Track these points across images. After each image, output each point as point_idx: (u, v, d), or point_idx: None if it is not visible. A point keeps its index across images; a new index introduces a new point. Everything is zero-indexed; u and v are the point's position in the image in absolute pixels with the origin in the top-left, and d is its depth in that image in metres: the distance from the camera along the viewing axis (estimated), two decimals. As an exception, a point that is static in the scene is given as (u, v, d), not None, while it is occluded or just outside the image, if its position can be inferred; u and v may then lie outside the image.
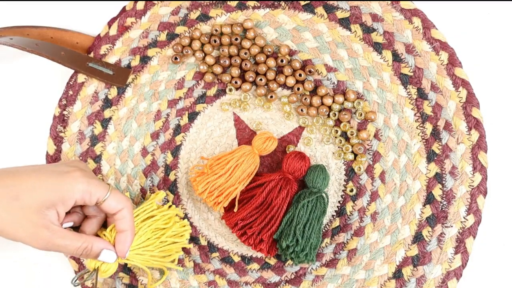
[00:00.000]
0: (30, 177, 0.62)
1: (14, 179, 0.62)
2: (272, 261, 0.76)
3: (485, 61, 0.75)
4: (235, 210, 0.73)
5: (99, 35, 0.78)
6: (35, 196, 0.61)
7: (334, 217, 0.76)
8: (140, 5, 0.77)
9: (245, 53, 0.76)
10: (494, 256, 0.75)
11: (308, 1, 0.75)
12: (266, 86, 0.77)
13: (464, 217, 0.73)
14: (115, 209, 0.66)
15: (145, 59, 0.77)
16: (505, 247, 0.75)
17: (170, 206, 0.75)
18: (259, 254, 0.76)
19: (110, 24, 0.78)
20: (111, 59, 0.77)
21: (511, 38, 0.76)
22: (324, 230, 0.76)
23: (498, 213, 0.75)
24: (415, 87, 0.74)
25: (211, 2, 0.76)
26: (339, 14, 0.75)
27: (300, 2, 0.75)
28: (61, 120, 0.77)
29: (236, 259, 0.77)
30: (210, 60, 0.76)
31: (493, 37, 0.76)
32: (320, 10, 0.75)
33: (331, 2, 0.75)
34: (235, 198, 0.74)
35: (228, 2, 0.76)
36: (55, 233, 0.63)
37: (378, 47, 0.75)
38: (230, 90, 0.77)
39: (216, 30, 0.76)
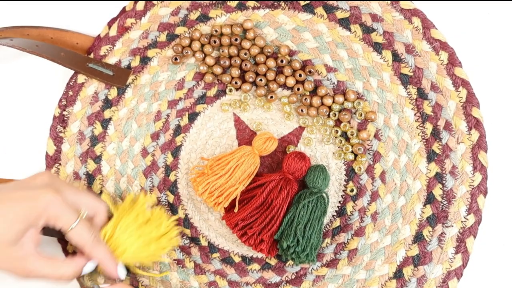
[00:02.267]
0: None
1: None
2: (273, 262, 0.76)
3: (485, 61, 0.76)
4: (236, 210, 0.73)
5: (99, 35, 0.78)
6: (5, 228, 0.59)
7: (335, 217, 0.76)
8: (140, 6, 0.77)
9: (245, 54, 0.76)
10: (495, 256, 0.75)
11: (308, 1, 0.75)
12: (266, 87, 0.77)
13: (464, 217, 0.73)
14: (77, 245, 0.64)
15: (145, 60, 0.77)
16: (505, 247, 0.75)
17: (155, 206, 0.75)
18: (260, 255, 0.76)
19: (110, 24, 0.78)
20: (111, 60, 0.77)
21: (511, 38, 0.76)
22: (324, 230, 0.76)
23: (499, 213, 0.75)
24: (415, 87, 0.74)
25: (211, 2, 0.77)
26: (339, 14, 0.75)
27: (300, 2, 0.76)
28: (61, 120, 0.77)
29: (237, 259, 0.76)
30: (210, 60, 0.76)
31: (493, 37, 0.76)
32: (320, 10, 0.75)
33: (330, 2, 0.75)
34: (235, 198, 0.74)
35: (228, 3, 0.76)
36: (33, 263, 0.61)
37: (378, 47, 0.75)
38: (230, 90, 0.77)
39: (216, 31, 0.76)
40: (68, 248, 0.76)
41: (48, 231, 0.68)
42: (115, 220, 0.69)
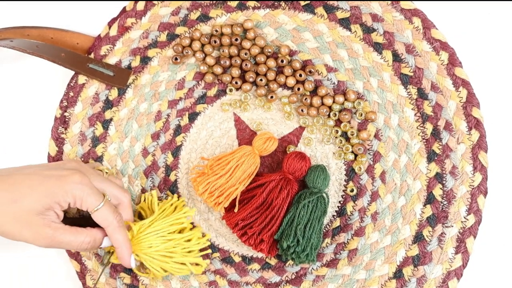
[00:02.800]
0: (26, 181, 0.64)
1: (11, 183, 0.64)
2: (273, 261, 0.76)
3: (485, 61, 0.75)
4: (236, 210, 0.73)
5: (99, 35, 0.78)
6: (32, 200, 0.63)
7: (335, 217, 0.76)
8: (140, 6, 0.77)
9: (245, 54, 0.76)
10: (494, 256, 0.75)
11: (308, 1, 0.75)
12: (266, 87, 0.77)
13: (464, 217, 0.73)
14: (101, 225, 0.67)
15: (145, 60, 0.77)
16: (505, 247, 0.75)
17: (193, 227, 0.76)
18: (260, 254, 0.76)
19: (110, 24, 0.78)
20: (112, 60, 0.77)
21: (511, 38, 0.76)
22: (324, 230, 0.76)
23: (499, 213, 0.75)
24: (415, 87, 0.74)
25: (211, 2, 0.76)
26: (339, 14, 0.75)
27: (300, 2, 0.75)
28: (62, 121, 0.77)
29: (237, 259, 0.77)
30: (210, 60, 0.76)
31: (493, 37, 0.76)
32: (320, 10, 0.75)
33: (331, 2, 0.75)
34: (235, 198, 0.74)
35: (228, 3, 0.76)
36: (57, 230, 0.64)
37: (378, 47, 0.75)
38: (231, 90, 0.77)
39: (216, 31, 0.76)
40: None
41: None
42: (153, 218, 0.71)
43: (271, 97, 0.76)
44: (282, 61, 0.75)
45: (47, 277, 0.79)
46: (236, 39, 0.76)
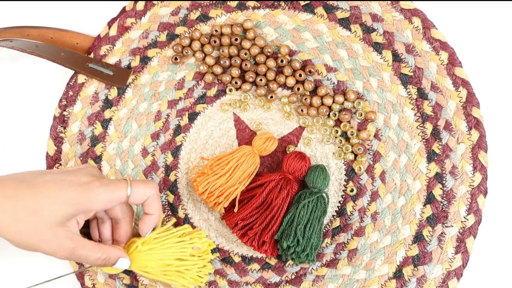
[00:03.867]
0: (48, 189, 0.61)
1: (31, 191, 0.60)
2: (273, 261, 0.76)
3: (485, 61, 0.76)
4: (236, 210, 0.73)
5: (99, 35, 0.78)
6: (54, 209, 0.60)
7: (335, 217, 0.76)
8: (140, 6, 0.77)
9: (245, 54, 0.76)
10: (494, 256, 0.75)
11: (308, 1, 0.75)
12: (266, 87, 0.77)
13: (464, 217, 0.73)
14: (140, 201, 0.66)
15: (145, 60, 0.77)
16: (505, 247, 0.75)
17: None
18: (260, 254, 0.76)
19: (110, 24, 0.78)
20: (111, 60, 0.77)
21: (511, 38, 0.76)
22: (324, 230, 0.76)
23: (498, 213, 0.75)
24: (415, 87, 0.74)
25: (211, 2, 0.76)
26: (339, 14, 0.75)
27: (300, 2, 0.76)
28: (61, 120, 0.77)
29: (237, 259, 0.77)
30: (210, 60, 0.76)
31: (493, 37, 0.76)
32: (320, 10, 0.75)
33: (331, 2, 0.75)
34: (235, 198, 0.74)
35: (228, 3, 0.76)
36: (78, 243, 0.62)
37: (378, 47, 0.75)
38: (230, 90, 0.77)
39: (216, 31, 0.76)
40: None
41: None
42: (160, 236, 0.69)
43: (271, 97, 0.76)
44: (282, 61, 0.75)
45: (45, 278, 0.79)
46: (236, 39, 0.76)
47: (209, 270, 0.72)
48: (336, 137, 0.76)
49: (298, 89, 0.75)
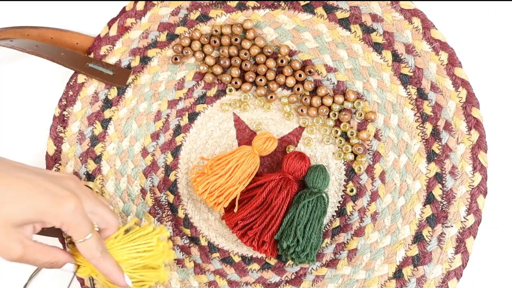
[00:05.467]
0: (19, 186, 0.58)
1: (3, 182, 0.57)
2: (273, 262, 0.76)
3: (485, 61, 0.76)
4: (235, 210, 0.73)
5: (99, 35, 0.78)
6: (17, 210, 0.57)
7: (334, 217, 0.76)
8: (140, 6, 0.77)
9: (245, 54, 0.76)
10: (494, 256, 0.75)
11: (308, 1, 0.75)
12: (266, 87, 0.77)
13: (464, 217, 0.73)
14: (83, 255, 0.63)
15: (145, 60, 0.77)
16: (505, 247, 0.75)
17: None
18: (260, 254, 0.76)
19: (110, 24, 0.78)
20: (111, 60, 0.77)
21: (511, 38, 0.76)
22: (324, 230, 0.76)
23: (498, 213, 0.75)
24: (415, 87, 0.74)
25: (211, 2, 0.76)
26: (339, 15, 0.75)
27: (300, 2, 0.76)
28: (61, 120, 0.77)
29: (237, 259, 0.77)
30: (210, 60, 0.76)
31: (493, 37, 0.76)
32: (320, 10, 0.75)
33: (330, 2, 0.75)
34: (235, 198, 0.74)
35: (228, 3, 0.76)
36: (28, 248, 0.59)
37: (378, 47, 0.75)
38: (230, 90, 0.77)
39: (216, 31, 0.76)
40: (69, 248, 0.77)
41: (48, 231, 0.68)
42: (119, 237, 0.68)
43: (271, 97, 0.76)
44: (281, 61, 0.75)
45: (46, 277, 0.79)
46: (236, 39, 0.76)
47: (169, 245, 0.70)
48: (336, 137, 0.76)
49: (298, 89, 0.75)
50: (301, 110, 0.76)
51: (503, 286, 0.75)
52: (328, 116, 0.76)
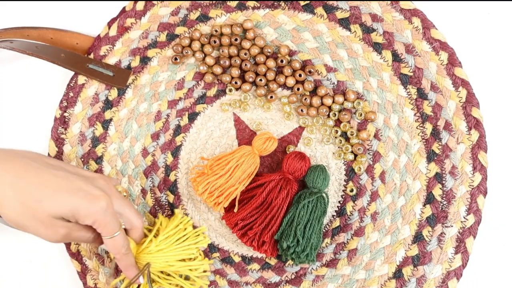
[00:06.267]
0: (56, 185, 0.63)
1: (39, 179, 0.62)
2: (273, 261, 0.76)
3: (485, 61, 0.75)
4: (235, 210, 0.74)
5: (99, 35, 0.78)
6: (54, 205, 0.62)
7: (334, 217, 0.76)
8: (140, 6, 0.77)
9: (245, 54, 0.76)
10: (494, 256, 0.75)
11: (308, 1, 0.75)
12: (266, 87, 0.77)
13: (464, 217, 0.73)
14: (109, 250, 0.68)
15: (145, 60, 0.77)
16: (505, 247, 0.75)
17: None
18: (260, 254, 0.76)
19: (110, 24, 0.78)
20: (111, 60, 0.77)
21: (511, 38, 0.75)
22: (324, 230, 0.76)
23: (498, 213, 0.75)
24: (415, 87, 0.74)
25: (211, 2, 0.76)
26: (339, 14, 0.75)
27: (300, 2, 0.75)
28: (62, 121, 0.77)
29: (237, 259, 0.77)
30: (210, 60, 0.76)
31: (493, 37, 0.75)
32: (319, 10, 0.75)
33: (330, 2, 0.75)
34: (235, 198, 0.74)
35: (228, 3, 0.76)
36: (72, 229, 0.65)
37: (378, 47, 0.75)
38: (230, 90, 0.77)
39: (216, 31, 0.76)
40: (72, 248, 0.77)
41: None
42: (161, 239, 0.72)
43: (271, 97, 0.76)
44: (281, 61, 0.75)
45: (48, 277, 0.79)
46: (236, 39, 0.76)
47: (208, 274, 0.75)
48: (336, 137, 0.76)
49: (298, 89, 0.75)
50: (301, 110, 0.76)
51: (503, 286, 0.75)
52: (328, 116, 0.76)
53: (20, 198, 0.61)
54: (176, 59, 0.76)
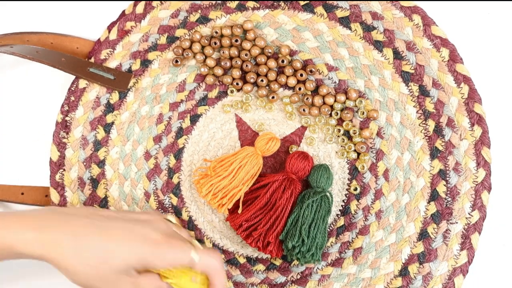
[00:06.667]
0: (118, 237, 0.61)
1: (101, 236, 0.61)
2: (278, 262, 0.76)
3: (486, 57, 0.75)
4: (239, 211, 0.73)
5: (99, 39, 0.78)
6: (121, 260, 0.60)
7: (339, 216, 0.76)
8: (140, 9, 0.77)
9: (246, 55, 0.75)
10: (500, 252, 0.75)
11: (308, 1, 0.75)
12: (267, 87, 0.77)
13: (469, 213, 0.73)
14: (203, 269, 0.65)
15: (145, 63, 0.77)
16: (505, 247, 0.75)
17: None
18: (265, 255, 0.76)
19: (110, 28, 0.78)
20: (112, 64, 0.77)
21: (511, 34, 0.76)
22: (329, 230, 0.76)
23: (503, 209, 0.75)
24: (417, 84, 0.74)
25: (210, 4, 0.76)
26: (339, 13, 0.75)
27: (300, 2, 0.75)
28: (64, 126, 0.77)
29: (242, 260, 0.77)
30: (210, 62, 0.76)
31: (494, 32, 0.76)
32: (319, 9, 0.75)
33: (330, 2, 0.75)
34: (239, 199, 0.74)
35: (228, 4, 0.76)
36: (137, 279, 0.62)
37: (378, 45, 0.75)
38: (232, 91, 0.77)
39: (216, 32, 0.76)
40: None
41: None
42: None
43: (273, 97, 0.76)
44: (282, 61, 0.75)
45: (49, 277, 0.79)
46: (236, 40, 0.75)
47: None
48: (338, 136, 0.76)
49: (300, 89, 0.75)
50: (303, 110, 0.76)
51: (509, 282, 0.75)
52: (330, 115, 0.76)
53: (84, 259, 0.59)
54: (176, 61, 0.76)
